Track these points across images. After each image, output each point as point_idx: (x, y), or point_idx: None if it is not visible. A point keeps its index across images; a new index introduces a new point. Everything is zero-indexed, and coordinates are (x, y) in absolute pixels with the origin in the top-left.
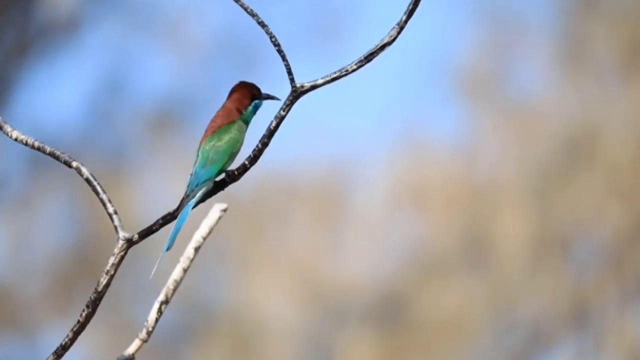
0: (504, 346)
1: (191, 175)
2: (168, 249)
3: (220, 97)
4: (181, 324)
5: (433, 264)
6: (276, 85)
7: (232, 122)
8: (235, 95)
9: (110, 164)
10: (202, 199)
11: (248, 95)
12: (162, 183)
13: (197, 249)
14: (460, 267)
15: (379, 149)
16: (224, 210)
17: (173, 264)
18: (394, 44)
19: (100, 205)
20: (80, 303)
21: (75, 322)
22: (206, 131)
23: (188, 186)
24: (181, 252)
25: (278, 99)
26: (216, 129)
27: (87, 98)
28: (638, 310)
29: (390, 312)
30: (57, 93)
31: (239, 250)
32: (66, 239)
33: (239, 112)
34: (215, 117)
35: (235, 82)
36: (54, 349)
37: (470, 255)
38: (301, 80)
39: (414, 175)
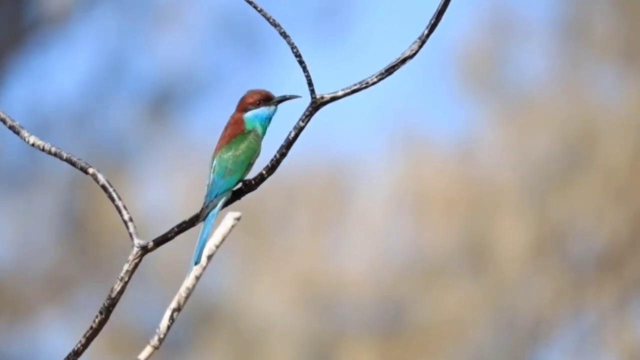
0: (503, 348)
1: (209, 185)
2: (197, 262)
3: (221, 81)
4: (183, 326)
5: (432, 268)
6: (279, 69)
7: (246, 132)
8: (240, 105)
9: (107, 151)
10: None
11: (241, 107)
12: (159, 170)
13: (210, 257)
14: (459, 270)
15: (378, 153)
16: (238, 219)
17: (184, 271)
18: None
19: (100, 198)
20: (79, 296)
21: (73, 314)
22: (220, 141)
23: (207, 196)
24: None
25: (295, 97)
26: (230, 139)
27: (84, 83)
28: (636, 311)
29: (390, 315)
30: (55, 79)
31: (240, 253)
32: (64, 230)
33: (243, 123)
34: (227, 126)
35: (237, 65)
36: (53, 340)
37: (470, 258)
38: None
39: (414, 179)
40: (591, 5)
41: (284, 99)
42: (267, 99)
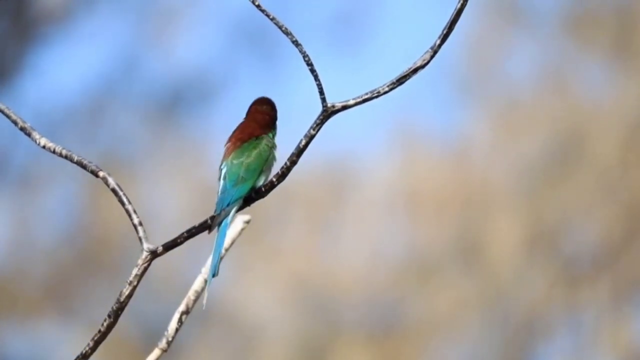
0: (498, 347)
1: (220, 192)
2: (214, 275)
3: (232, 85)
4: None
5: (427, 266)
6: (291, 75)
7: (259, 138)
8: (261, 109)
9: (112, 153)
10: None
11: (272, 117)
12: (165, 173)
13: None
14: (453, 269)
15: (372, 152)
16: (247, 222)
17: (193, 274)
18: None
19: (101, 197)
20: (78, 294)
21: (75, 315)
22: (230, 144)
23: (218, 204)
24: (202, 263)
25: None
26: (241, 144)
27: (91, 84)
28: (630, 309)
29: (384, 313)
30: (61, 79)
31: (234, 252)
32: (66, 231)
33: (266, 129)
34: (239, 129)
35: (248, 70)
36: (55, 342)
37: (464, 256)
38: (320, 68)
39: (408, 178)
40: (584, 4)
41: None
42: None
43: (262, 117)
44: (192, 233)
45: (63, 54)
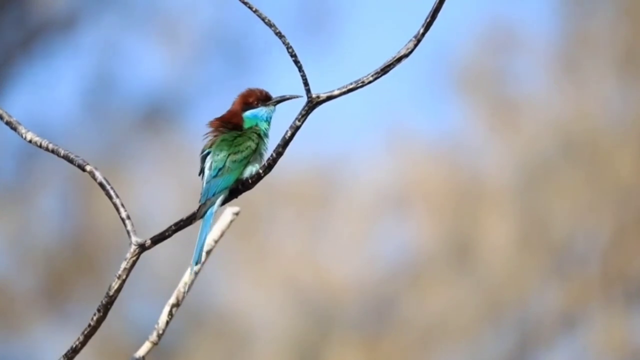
0: (491, 348)
1: (205, 182)
2: (197, 262)
3: (212, 92)
4: (170, 326)
5: (419, 267)
6: (267, 82)
7: (245, 130)
8: (238, 100)
9: (103, 157)
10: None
11: (240, 102)
12: (154, 176)
13: (208, 253)
14: (448, 268)
15: (365, 152)
16: (237, 214)
17: (183, 267)
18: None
19: (96, 200)
20: (71, 294)
21: (69, 315)
22: (214, 131)
23: (203, 194)
24: (192, 256)
25: (295, 97)
26: (225, 132)
27: (81, 93)
28: (626, 310)
29: (377, 314)
30: (53, 89)
31: (227, 253)
32: (60, 234)
33: (240, 118)
34: (222, 116)
35: (227, 77)
36: (47, 342)
37: (458, 257)
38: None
39: (401, 178)
40: (592, 12)
41: (282, 99)
42: (265, 99)
43: (235, 106)
44: (180, 226)
45: (57, 66)
